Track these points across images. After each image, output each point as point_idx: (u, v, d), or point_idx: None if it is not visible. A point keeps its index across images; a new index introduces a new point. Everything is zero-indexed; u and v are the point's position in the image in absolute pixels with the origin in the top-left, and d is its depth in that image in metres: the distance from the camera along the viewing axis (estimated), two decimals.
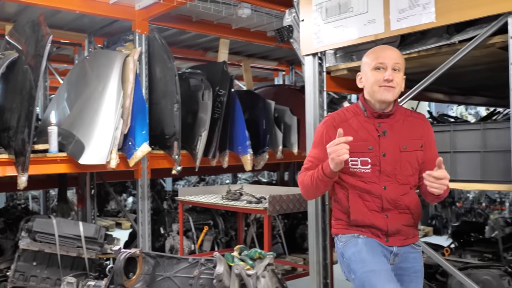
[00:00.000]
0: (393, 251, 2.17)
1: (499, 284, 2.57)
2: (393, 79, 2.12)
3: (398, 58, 2.17)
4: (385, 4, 2.69)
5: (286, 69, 8.02)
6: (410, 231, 2.21)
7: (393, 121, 2.20)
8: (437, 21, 2.49)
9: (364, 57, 2.24)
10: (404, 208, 2.17)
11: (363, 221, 2.17)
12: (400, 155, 2.16)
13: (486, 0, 2.30)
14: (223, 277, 1.85)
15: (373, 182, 2.15)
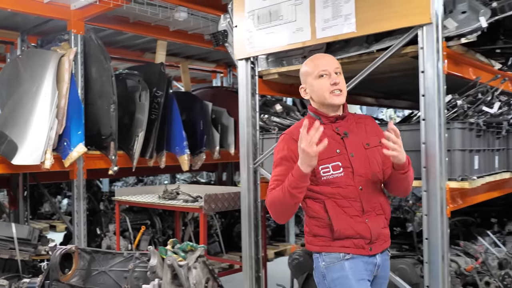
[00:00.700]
0: (376, 262, 2.16)
1: (412, 271, 2.83)
2: (339, 82, 2.17)
3: (336, 63, 2.24)
4: (311, 14, 2.88)
5: (224, 71, 8.15)
6: (386, 234, 2.21)
7: (348, 123, 2.23)
8: (357, 31, 2.70)
9: (304, 68, 2.27)
10: (379, 208, 2.17)
11: (346, 230, 2.10)
12: (366, 152, 2.17)
13: (400, 14, 2.53)
14: (157, 269, 1.96)
15: (349, 185, 2.11)
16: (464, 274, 2.94)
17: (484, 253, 3.25)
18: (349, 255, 2.11)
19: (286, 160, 2.12)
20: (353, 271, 2.09)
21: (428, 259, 2.47)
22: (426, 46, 2.49)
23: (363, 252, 2.12)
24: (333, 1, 2.79)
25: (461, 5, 2.66)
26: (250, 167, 3.28)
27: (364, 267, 2.12)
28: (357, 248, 2.11)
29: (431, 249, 2.47)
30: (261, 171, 3.28)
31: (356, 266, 2.10)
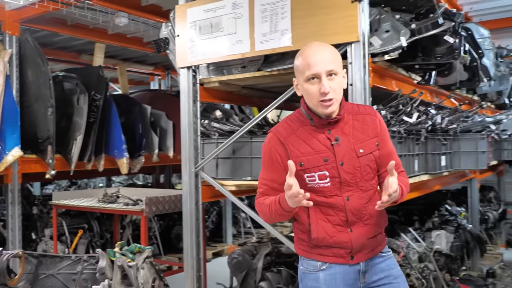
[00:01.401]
0: (360, 269, 2.06)
1: None
2: (330, 90, 1.93)
3: (331, 61, 1.96)
4: (250, 28, 3.07)
5: (162, 74, 8.20)
6: (375, 242, 2.09)
7: (343, 124, 2.04)
8: (293, 46, 2.92)
9: (296, 62, 2.05)
10: (368, 218, 2.05)
11: (324, 239, 2.03)
12: (359, 160, 2.01)
13: (331, 32, 2.77)
14: (106, 271, 2.05)
15: (334, 195, 2.00)
16: None
17: (406, 248, 3.58)
18: (326, 264, 2.05)
19: (271, 162, 2.05)
20: (328, 284, 2.03)
21: None
22: (354, 61, 2.74)
23: (342, 261, 2.04)
24: (271, 16, 3.00)
25: (385, 24, 2.95)
26: (192, 171, 3.41)
27: (342, 277, 2.04)
28: (336, 257, 2.04)
29: None
30: (202, 174, 3.42)
31: (332, 278, 2.03)
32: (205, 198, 3.47)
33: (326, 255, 2.04)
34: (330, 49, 2.03)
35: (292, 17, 2.91)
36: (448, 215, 4.75)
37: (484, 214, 6.26)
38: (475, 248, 4.93)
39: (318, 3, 2.81)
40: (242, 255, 3.56)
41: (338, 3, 2.75)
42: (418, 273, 3.42)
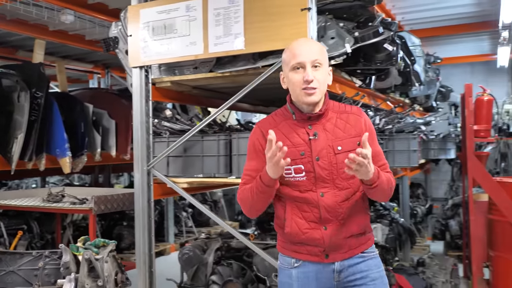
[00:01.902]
0: (335, 268, 2.06)
1: None
2: (313, 78, 1.98)
3: (317, 53, 2.02)
4: (204, 30, 3.18)
5: (101, 72, 8.07)
6: (354, 242, 2.08)
7: (325, 120, 2.07)
8: (246, 49, 3.07)
9: (283, 55, 2.11)
10: (345, 217, 2.04)
11: (297, 234, 2.04)
12: (336, 157, 2.02)
13: (283, 37, 2.94)
14: (70, 265, 2.10)
15: (309, 190, 2.02)
16: None
17: None
18: (300, 262, 2.07)
19: (255, 153, 2.09)
20: (300, 281, 2.06)
21: None
22: None
23: (316, 260, 2.06)
24: (224, 20, 3.13)
25: (330, 31, 3.17)
26: (144, 169, 3.47)
27: (315, 275, 2.06)
28: (310, 255, 2.06)
29: None
30: (154, 172, 3.49)
31: (304, 276, 2.06)
32: (156, 195, 3.54)
33: (300, 252, 2.06)
34: (316, 43, 2.12)
35: (245, 21, 3.05)
36: (382, 209, 5.09)
37: (413, 209, 6.74)
38: (407, 240, 5.33)
39: (271, 9, 2.97)
40: (193, 250, 3.66)
41: (289, 10, 2.92)
42: None
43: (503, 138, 8.58)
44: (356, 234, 2.08)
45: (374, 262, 2.13)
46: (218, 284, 3.46)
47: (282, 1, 2.94)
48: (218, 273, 3.52)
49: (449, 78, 8.82)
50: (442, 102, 7.18)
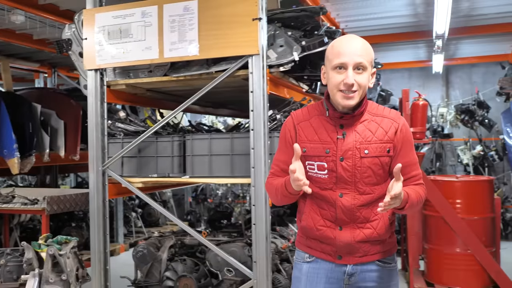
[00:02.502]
0: (346, 270, 2.04)
1: (242, 252, 3.47)
2: (354, 82, 1.90)
3: (363, 55, 1.92)
4: (159, 36, 3.31)
5: (48, 72, 7.94)
6: (372, 246, 2.03)
7: (358, 121, 2.00)
8: (200, 55, 3.23)
9: (327, 51, 2.03)
10: (363, 221, 2.00)
11: (311, 229, 2.05)
12: (361, 160, 1.97)
13: (235, 44, 3.12)
14: (33, 261, 2.19)
15: (329, 188, 2.00)
16: (281, 252, 3.70)
17: (294, 235, 4.07)
18: (313, 257, 2.09)
19: (285, 145, 2.09)
20: (309, 276, 2.07)
21: (255, 240, 3.12)
22: (254, 72, 3.13)
23: (328, 258, 2.06)
24: (179, 27, 3.27)
25: (279, 40, 3.38)
26: (99, 169, 3.55)
27: (325, 273, 2.06)
28: (323, 253, 2.07)
29: (258, 232, 3.11)
30: (109, 172, 3.58)
31: (315, 271, 2.07)
32: (111, 195, 3.63)
33: (314, 249, 2.08)
34: (364, 43, 1.97)
35: (199, 29, 3.21)
36: None
37: None
38: None
39: (224, 18, 3.15)
40: (147, 248, 3.78)
41: (241, 20, 3.11)
42: None
43: (438, 139, 9.18)
44: (373, 241, 2.03)
45: (389, 274, 2.09)
46: (172, 280, 3.60)
47: (234, 11, 3.12)
48: (172, 269, 3.65)
49: (389, 82, 9.34)
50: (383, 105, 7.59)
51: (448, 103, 9.30)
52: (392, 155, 2.00)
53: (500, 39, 7.14)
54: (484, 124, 8.56)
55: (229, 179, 3.43)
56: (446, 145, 9.33)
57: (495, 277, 4.80)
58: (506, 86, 7.03)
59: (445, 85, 9.53)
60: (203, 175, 3.47)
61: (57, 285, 2.10)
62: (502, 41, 7.35)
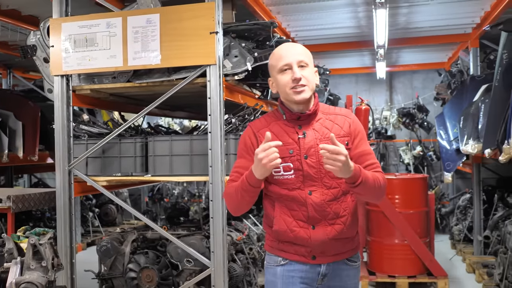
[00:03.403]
0: (320, 271, 2.10)
1: (200, 244, 3.79)
2: (302, 77, 2.04)
3: (302, 54, 2.09)
4: (124, 45, 3.59)
5: (3, 72, 7.96)
6: (342, 245, 2.11)
7: (314, 120, 2.12)
8: (161, 64, 3.52)
9: (270, 61, 2.17)
10: (334, 217, 2.06)
11: (285, 232, 2.08)
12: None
13: (195, 55, 3.44)
14: (13, 251, 2.43)
15: (297, 188, 2.06)
16: (236, 243, 4.05)
17: (247, 229, 4.43)
18: (286, 260, 2.12)
19: (246, 151, 2.15)
20: (284, 279, 2.11)
21: (213, 232, 3.45)
22: (212, 80, 3.46)
23: (302, 260, 2.10)
24: (142, 38, 3.56)
25: (234, 51, 3.73)
26: (66, 169, 3.79)
27: (300, 275, 2.11)
28: (298, 255, 2.10)
29: (215, 225, 3.44)
30: (75, 172, 3.81)
31: (289, 274, 2.11)
32: (76, 193, 3.87)
33: (287, 252, 2.11)
34: (301, 46, 2.17)
35: (161, 40, 3.51)
36: None
37: None
38: None
39: (184, 31, 3.46)
40: (111, 242, 4.04)
41: (199, 32, 3.44)
42: (258, 248, 4.30)
43: (382, 141, 9.80)
44: (345, 238, 2.11)
45: (356, 273, 2.19)
46: (135, 271, 3.87)
47: (194, 25, 3.45)
48: (135, 261, 3.92)
49: (338, 87, 9.89)
50: None
51: (391, 106, 9.93)
52: (350, 147, 2.11)
53: (437, 49, 7.78)
54: (423, 127, 9.23)
55: (188, 177, 3.75)
56: (389, 146, 9.96)
57: (428, 265, 5.34)
58: (442, 92, 7.68)
59: (388, 90, 10.17)
60: (164, 173, 3.76)
61: (37, 271, 2.35)
62: (439, 51, 8.01)
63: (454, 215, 7.45)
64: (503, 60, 3.81)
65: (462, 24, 6.02)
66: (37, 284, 2.31)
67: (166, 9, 3.54)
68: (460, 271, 6.16)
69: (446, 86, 7.53)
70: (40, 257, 2.36)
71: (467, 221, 6.87)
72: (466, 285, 5.60)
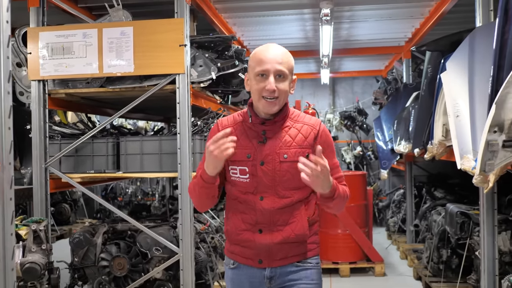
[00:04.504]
0: (265, 274, 2.10)
1: (168, 234, 4.20)
2: (276, 88, 1.97)
3: (283, 62, 2.00)
4: (99, 54, 3.95)
5: None
6: (291, 249, 2.09)
7: (279, 127, 2.08)
8: (135, 72, 3.92)
9: (249, 59, 2.09)
10: (282, 224, 2.05)
11: (233, 234, 2.11)
12: (280, 165, 2.04)
13: (165, 64, 3.86)
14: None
15: (250, 192, 2.06)
16: (200, 233, 4.51)
17: (208, 221, 4.90)
18: (236, 263, 2.16)
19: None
20: (234, 283, 2.16)
21: (182, 221, 3.89)
22: (181, 87, 3.90)
23: (250, 263, 2.11)
24: (117, 48, 3.95)
25: (199, 61, 4.19)
26: (42, 167, 4.10)
27: (248, 279, 2.13)
28: (245, 258, 2.12)
29: (184, 215, 3.89)
30: (50, 169, 4.13)
31: (238, 278, 2.14)
32: (52, 189, 4.19)
33: (236, 254, 2.15)
34: (284, 51, 2.06)
35: (134, 50, 3.91)
36: None
37: None
38: None
39: (155, 43, 3.88)
40: (83, 234, 4.37)
41: (170, 45, 3.87)
42: (218, 237, 4.78)
43: None
44: (293, 242, 2.09)
45: (308, 273, 2.14)
46: (107, 260, 4.23)
47: (164, 38, 3.88)
48: (106, 251, 4.28)
49: None
50: None
51: (334, 110, 10.68)
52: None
53: (375, 58, 8.58)
54: (363, 128, 10.03)
55: (158, 173, 4.18)
56: None
57: (367, 252, 6.02)
58: (379, 97, 8.47)
59: (332, 94, 10.92)
60: (135, 170, 4.17)
61: (38, 253, 2.72)
62: (376, 60, 8.81)
63: (390, 209, 8.24)
64: (428, 73, 4.50)
65: (396, 38, 6.78)
66: (39, 264, 2.69)
67: (139, 23, 3.95)
68: (394, 257, 6.92)
69: (383, 92, 8.33)
70: (40, 241, 2.74)
71: (401, 213, 7.66)
72: (400, 269, 6.33)
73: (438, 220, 5.14)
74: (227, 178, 2.14)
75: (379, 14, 5.63)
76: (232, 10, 5.35)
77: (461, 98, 3.19)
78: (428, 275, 5.22)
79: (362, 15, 5.72)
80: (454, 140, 3.21)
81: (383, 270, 5.98)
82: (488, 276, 3.60)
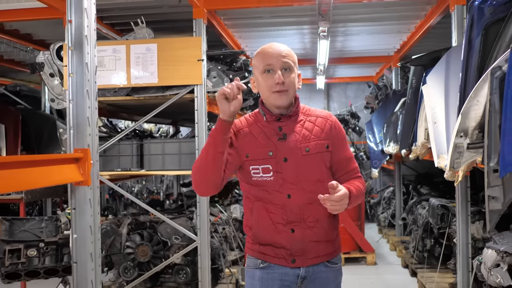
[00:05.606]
0: (300, 274, 2.07)
1: (186, 224, 4.79)
2: (284, 81, 2.00)
3: (287, 55, 2.04)
4: (127, 67, 4.54)
5: None
6: (322, 247, 2.08)
7: (294, 122, 2.09)
8: (158, 83, 4.52)
9: (253, 60, 2.13)
10: (313, 220, 2.04)
11: (264, 236, 2.06)
12: (303, 158, 2.04)
13: (186, 76, 4.46)
14: (67, 223, 3.36)
15: (276, 190, 2.03)
16: (213, 223, 5.11)
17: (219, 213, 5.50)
18: (266, 263, 2.09)
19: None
20: (264, 282, 2.09)
21: (200, 213, 4.48)
22: (199, 96, 4.50)
23: (282, 263, 2.07)
24: (143, 62, 4.54)
25: (213, 72, 4.79)
26: None
27: (280, 278, 2.08)
28: (277, 258, 2.07)
29: (201, 207, 4.48)
30: None
31: (269, 277, 2.09)
32: None
33: (267, 254, 2.09)
34: (287, 48, 2.10)
35: (158, 64, 4.50)
36: (237, 195, 6.87)
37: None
38: None
39: (177, 58, 4.48)
40: (110, 225, 4.95)
41: (189, 60, 4.46)
42: (230, 228, 5.38)
43: None
44: (324, 241, 2.09)
45: (335, 275, 2.16)
46: (132, 248, 4.81)
47: (184, 53, 4.47)
48: (131, 240, 4.86)
49: None
50: None
51: None
52: (331, 150, 2.09)
53: (367, 66, 9.23)
54: (355, 131, 10.65)
55: (178, 171, 4.78)
56: None
57: (360, 243, 6.64)
58: (370, 102, 9.10)
59: (326, 98, 11.56)
60: (157, 168, 4.76)
61: None
62: (368, 67, 9.47)
63: (381, 205, 8.88)
64: (412, 84, 5.14)
65: (386, 49, 7.42)
66: None
67: (162, 40, 4.55)
68: (384, 249, 7.55)
69: (374, 97, 8.96)
70: None
71: (391, 209, 8.30)
72: (389, 259, 6.97)
73: (422, 213, 5.76)
74: (248, 180, 2.10)
75: (370, 29, 6.27)
76: (240, 26, 5.95)
77: (438, 107, 3.80)
78: (414, 262, 5.84)
79: (355, 31, 6.36)
80: (432, 143, 3.82)
81: (374, 260, 6.60)
82: (463, 258, 4.23)
